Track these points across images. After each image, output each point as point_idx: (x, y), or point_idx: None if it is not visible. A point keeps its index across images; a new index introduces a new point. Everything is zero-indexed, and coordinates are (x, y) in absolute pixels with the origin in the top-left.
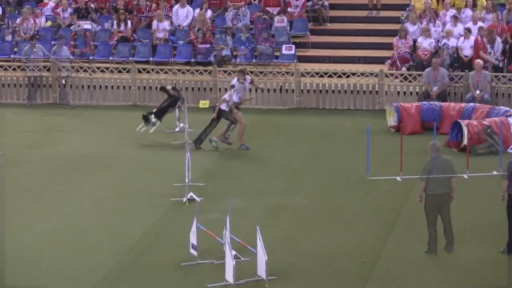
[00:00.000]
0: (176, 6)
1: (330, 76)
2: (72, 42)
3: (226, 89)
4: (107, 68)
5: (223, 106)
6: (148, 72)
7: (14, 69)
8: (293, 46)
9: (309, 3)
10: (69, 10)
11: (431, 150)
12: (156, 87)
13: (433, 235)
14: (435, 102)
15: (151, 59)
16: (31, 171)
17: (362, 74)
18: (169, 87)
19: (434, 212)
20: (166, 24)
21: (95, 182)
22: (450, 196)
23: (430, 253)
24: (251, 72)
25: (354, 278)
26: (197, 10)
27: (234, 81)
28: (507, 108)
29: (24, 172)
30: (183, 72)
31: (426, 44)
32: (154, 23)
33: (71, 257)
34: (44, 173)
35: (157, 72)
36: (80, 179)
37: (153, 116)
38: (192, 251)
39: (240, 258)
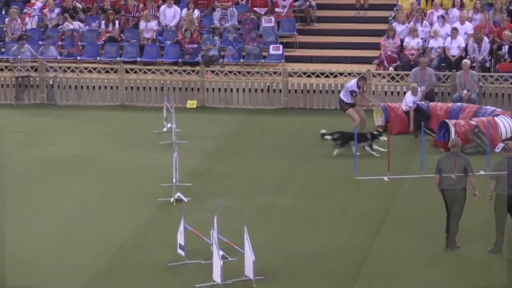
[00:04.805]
0: (164, 6)
1: (317, 76)
2: (59, 42)
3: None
4: (94, 68)
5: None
6: (135, 72)
7: (1, 70)
8: (281, 46)
9: (297, 3)
10: (56, 10)
11: (451, 145)
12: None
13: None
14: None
15: (138, 59)
16: (20, 171)
17: (349, 74)
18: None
19: (449, 206)
20: (153, 24)
21: (83, 182)
22: (473, 194)
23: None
24: (239, 72)
25: (341, 278)
26: (185, 10)
27: (354, 86)
28: (494, 108)
29: (13, 173)
30: (171, 72)
31: (413, 43)
32: (142, 23)
33: (60, 257)
34: (32, 174)
35: (145, 72)
36: (68, 180)
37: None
38: (180, 251)
39: (228, 258)
